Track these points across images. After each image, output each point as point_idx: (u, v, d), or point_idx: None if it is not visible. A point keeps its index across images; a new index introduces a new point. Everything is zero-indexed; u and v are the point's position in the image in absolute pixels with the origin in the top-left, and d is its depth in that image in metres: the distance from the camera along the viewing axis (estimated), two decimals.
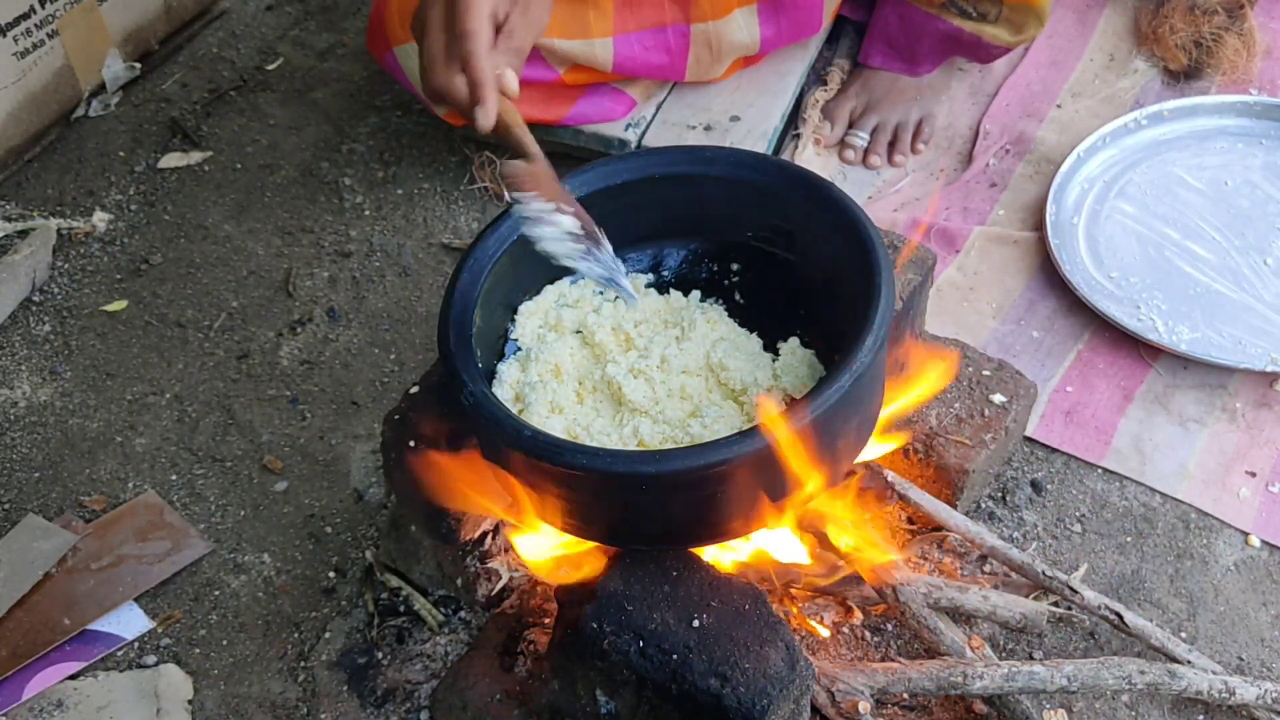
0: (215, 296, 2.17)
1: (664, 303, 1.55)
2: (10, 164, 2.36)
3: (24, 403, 2.03)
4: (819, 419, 1.26)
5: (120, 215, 2.31)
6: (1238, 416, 1.87)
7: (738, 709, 1.28)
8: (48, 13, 2.31)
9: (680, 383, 1.45)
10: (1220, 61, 2.30)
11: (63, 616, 1.74)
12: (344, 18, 2.68)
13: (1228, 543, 1.75)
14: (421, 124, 2.41)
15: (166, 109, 2.49)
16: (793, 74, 2.31)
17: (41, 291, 2.18)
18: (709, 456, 1.25)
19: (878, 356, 1.33)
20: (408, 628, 1.68)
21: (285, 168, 2.38)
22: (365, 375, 2.04)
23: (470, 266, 1.43)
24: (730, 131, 2.22)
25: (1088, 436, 1.86)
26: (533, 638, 1.54)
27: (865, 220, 1.40)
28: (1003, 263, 2.09)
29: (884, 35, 2.25)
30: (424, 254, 2.21)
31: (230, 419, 2.00)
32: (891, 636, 1.64)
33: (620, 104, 2.23)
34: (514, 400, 1.44)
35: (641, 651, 1.31)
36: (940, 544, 1.72)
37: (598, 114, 2.22)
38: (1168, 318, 1.97)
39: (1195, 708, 1.58)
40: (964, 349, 1.79)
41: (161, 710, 1.65)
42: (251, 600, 1.78)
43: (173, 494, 1.90)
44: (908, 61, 2.26)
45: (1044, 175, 2.20)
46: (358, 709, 1.62)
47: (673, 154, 1.55)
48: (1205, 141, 2.22)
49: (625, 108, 2.23)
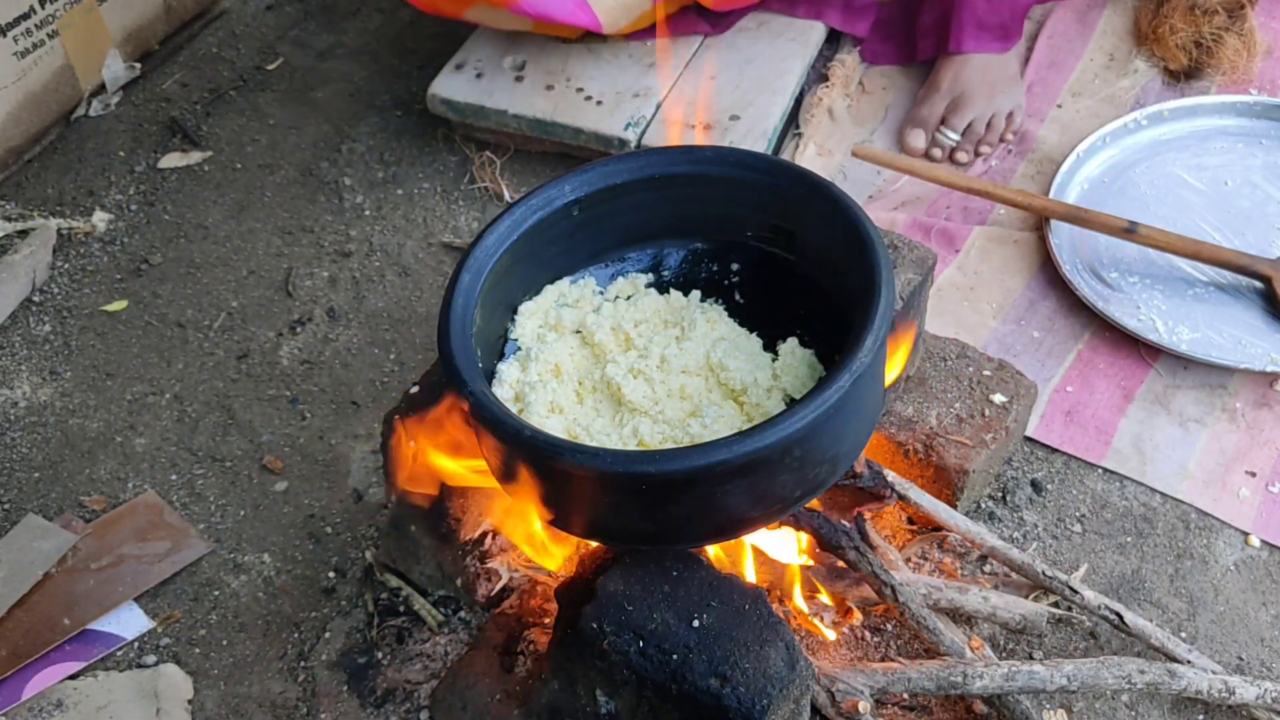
0: (215, 296, 2.17)
1: (664, 303, 1.55)
2: (10, 164, 2.36)
3: (24, 403, 2.03)
4: (819, 419, 1.26)
5: (120, 215, 2.31)
6: (1238, 416, 1.87)
7: (738, 709, 1.28)
8: (48, 13, 2.32)
9: (680, 383, 1.45)
10: (1220, 61, 2.30)
11: (63, 616, 1.74)
12: (344, 18, 2.68)
13: (1228, 543, 1.75)
14: (421, 124, 2.41)
15: (166, 109, 2.49)
16: (792, 73, 2.31)
17: (41, 291, 2.18)
18: (709, 456, 1.25)
19: (878, 356, 1.33)
20: (408, 628, 1.68)
21: (285, 168, 2.38)
22: (365, 375, 2.04)
23: (470, 266, 1.43)
24: (730, 130, 2.22)
25: (1088, 436, 1.86)
26: (533, 638, 1.54)
27: (865, 220, 1.40)
28: (1003, 263, 2.09)
29: (973, 17, 2.24)
30: (424, 254, 2.21)
31: (230, 419, 2.00)
32: (891, 636, 1.64)
33: (582, 12, 2.19)
34: (514, 400, 1.44)
35: (641, 651, 1.31)
36: (940, 544, 1.72)
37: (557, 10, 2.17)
38: (1168, 318, 1.97)
39: (1195, 707, 1.58)
40: (964, 349, 1.79)
41: (161, 710, 1.65)
42: (251, 600, 1.78)
43: (173, 494, 1.90)
44: (1001, 37, 2.25)
45: (1044, 175, 2.20)
46: (358, 709, 1.62)
47: (673, 154, 1.55)
48: (1205, 141, 2.22)
49: (587, 19, 2.20)
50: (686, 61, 2.33)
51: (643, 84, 2.29)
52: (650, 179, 1.52)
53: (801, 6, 2.39)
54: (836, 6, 2.38)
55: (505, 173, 2.29)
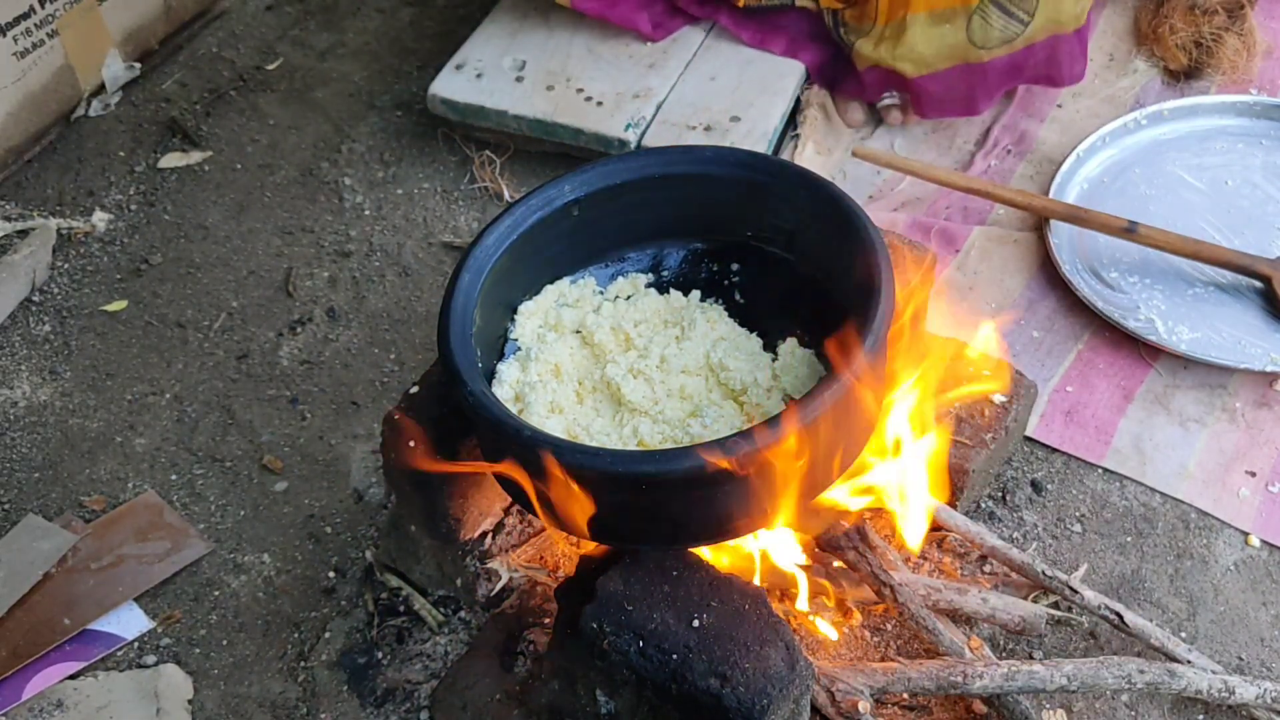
0: (215, 296, 2.17)
1: (664, 303, 1.55)
2: (10, 164, 2.36)
3: (24, 403, 2.03)
4: (819, 419, 1.26)
5: (120, 215, 2.31)
6: (1238, 416, 1.87)
7: (738, 709, 1.28)
8: (48, 13, 2.32)
9: (680, 383, 1.45)
10: (1220, 61, 2.30)
11: (63, 616, 1.74)
12: (344, 18, 2.68)
13: (1228, 543, 1.75)
14: (421, 124, 2.41)
15: (166, 109, 2.49)
16: (792, 74, 2.31)
17: (41, 291, 2.18)
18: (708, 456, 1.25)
19: (878, 356, 1.33)
20: (408, 628, 1.68)
21: (285, 168, 2.38)
22: (365, 375, 2.04)
23: (470, 266, 1.43)
24: (730, 132, 2.22)
25: (1088, 436, 1.86)
26: (533, 638, 1.54)
27: (865, 220, 1.40)
28: (1002, 263, 2.09)
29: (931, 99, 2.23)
30: (424, 254, 2.21)
31: (230, 419, 2.00)
32: (891, 636, 1.64)
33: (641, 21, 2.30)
34: (514, 400, 1.44)
35: (641, 651, 1.31)
36: (940, 544, 1.72)
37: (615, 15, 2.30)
38: (1167, 318, 1.96)
39: (1195, 707, 1.58)
40: (964, 349, 1.79)
41: (161, 710, 1.65)
42: (251, 600, 1.78)
43: (173, 494, 1.90)
44: (964, 110, 2.25)
45: (1044, 175, 2.20)
46: (358, 709, 1.62)
47: (673, 154, 1.55)
48: (1205, 141, 2.22)
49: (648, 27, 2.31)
50: (687, 62, 2.33)
51: (643, 85, 2.29)
52: (650, 179, 1.53)
53: (747, 33, 2.35)
54: (782, 37, 2.34)
55: (505, 172, 2.29)
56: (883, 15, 2.15)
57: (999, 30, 2.12)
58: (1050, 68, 2.20)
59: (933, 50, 2.15)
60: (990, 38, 2.13)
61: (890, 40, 2.16)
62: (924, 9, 2.12)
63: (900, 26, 2.14)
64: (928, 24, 2.13)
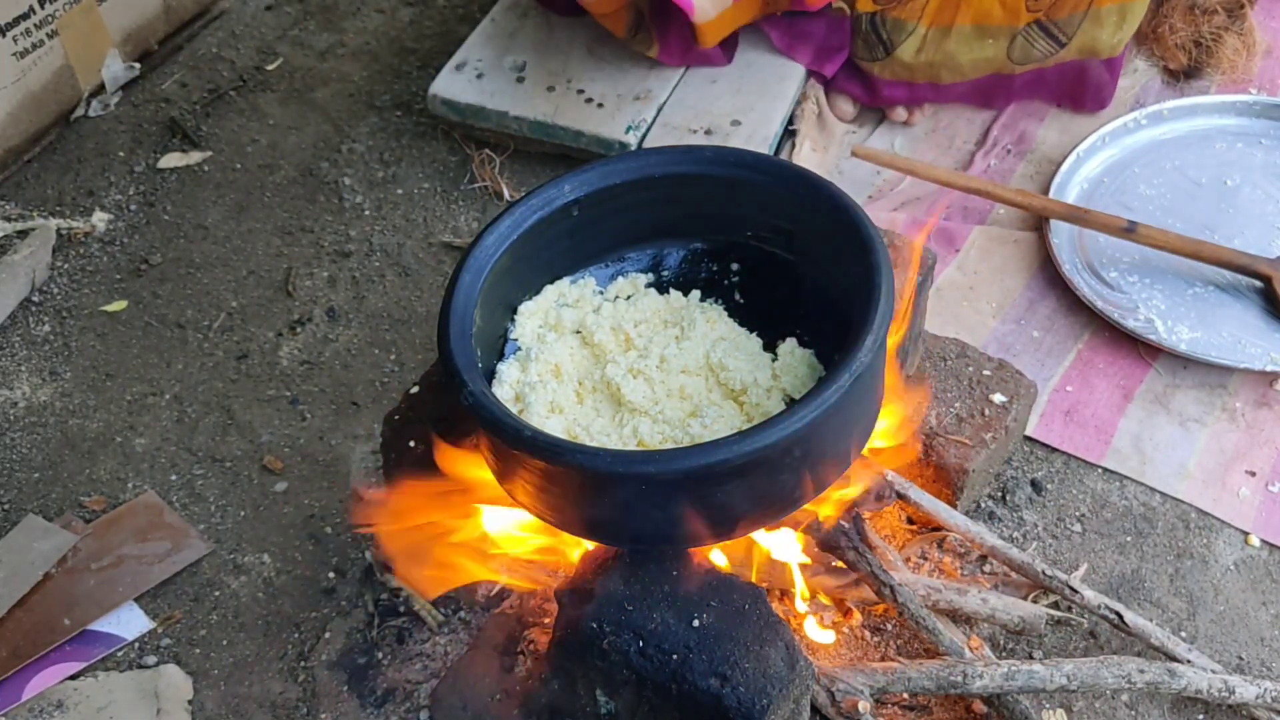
0: (215, 296, 2.17)
1: (664, 303, 1.55)
2: (10, 164, 2.36)
3: (24, 403, 2.03)
4: (819, 419, 1.26)
5: (120, 215, 2.31)
6: (1237, 416, 1.87)
7: (738, 709, 1.28)
8: (47, 13, 2.32)
9: (680, 383, 1.45)
10: (1220, 61, 2.30)
11: (63, 616, 1.73)
12: (344, 18, 2.68)
13: (1228, 542, 1.75)
14: (421, 124, 2.41)
15: (166, 109, 2.49)
16: (793, 78, 2.30)
17: (41, 291, 2.18)
18: (709, 456, 1.25)
19: (877, 356, 1.33)
20: (408, 628, 1.68)
21: (285, 168, 2.38)
22: (365, 375, 2.04)
23: (470, 266, 1.43)
24: (731, 136, 2.22)
25: (1088, 436, 1.86)
26: (533, 638, 1.54)
27: (865, 220, 1.40)
28: (1003, 262, 2.09)
29: None
30: (424, 254, 2.21)
31: (230, 419, 2.00)
32: (891, 636, 1.64)
33: None
34: (514, 400, 1.44)
35: (641, 651, 1.31)
36: (940, 544, 1.72)
37: None
38: (1167, 318, 1.97)
39: (1195, 707, 1.58)
40: (964, 349, 1.79)
41: (161, 710, 1.65)
42: (251, 600, 1.78)
43: (173, 494, 1.90)
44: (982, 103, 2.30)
45: (1044, 175, 2.20)
46: (358, 709, 1.62)
47: (672, 154, 1.55)
48: (1205, 141, 2.22)
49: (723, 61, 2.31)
50: (687, 65, 2.33)
51: (644, 87, 2.29)
52: (650, 179, 1.53)
53: (776, 38, 2.33)
54: (810, 46, 2.32)
55: (505, 172, 2.29)
56: (928, 17, 2.15)
57: (1040, 51, 2.16)
58: (1075, 89, 2.24)
59: (970, 61, 2.19)
60: (1030, 56, 2.17)
61: (932, 45, 2.17)
62: (970, 21, 2.13)
63: (944, 33, 2.16)
64: (972, 37, 2.16)
